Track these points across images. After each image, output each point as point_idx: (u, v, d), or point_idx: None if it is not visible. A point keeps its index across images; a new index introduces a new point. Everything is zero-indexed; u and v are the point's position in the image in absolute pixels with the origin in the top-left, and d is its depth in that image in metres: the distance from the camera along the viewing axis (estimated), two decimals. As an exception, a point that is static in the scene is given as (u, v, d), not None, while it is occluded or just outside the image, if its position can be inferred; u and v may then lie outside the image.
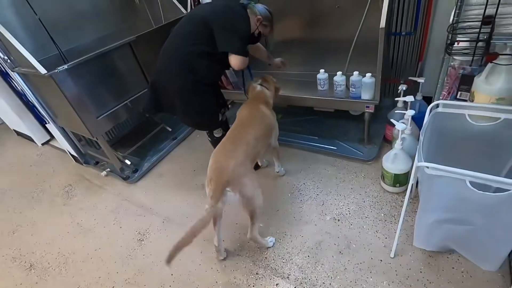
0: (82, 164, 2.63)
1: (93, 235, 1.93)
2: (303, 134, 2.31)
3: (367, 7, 1.69)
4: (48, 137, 3.12)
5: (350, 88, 1.86)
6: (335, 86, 1.91)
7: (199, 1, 2.17)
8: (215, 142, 1.95)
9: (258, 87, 1.83)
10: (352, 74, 1.81)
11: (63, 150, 2.77)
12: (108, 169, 2.45)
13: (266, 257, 1.55)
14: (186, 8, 2.42)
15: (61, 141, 2.58)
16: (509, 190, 0.91)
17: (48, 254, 1.87)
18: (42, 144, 3.13)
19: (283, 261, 1.51)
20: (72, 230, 2.01)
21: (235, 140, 1.51)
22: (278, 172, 2.02)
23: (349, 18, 1.98)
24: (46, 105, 2.28)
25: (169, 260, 1.21)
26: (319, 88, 1.99)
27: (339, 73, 1.87)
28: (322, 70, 1.94)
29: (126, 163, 2.42)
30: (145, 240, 1.81)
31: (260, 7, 1.67)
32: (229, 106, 2.20)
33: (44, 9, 2.23)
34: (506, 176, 1.05)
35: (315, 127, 2.37)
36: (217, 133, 1.90)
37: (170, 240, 1.75)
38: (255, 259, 1.55)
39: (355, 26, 1.77)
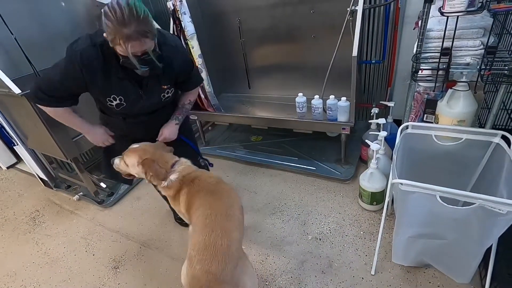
0: (52, 188, 2.49)
1: (62, 265, 1.79)
2: (283, 155, 2.36)
3: (340, 37, 1.84)
4: (15, 160, 2.94)
5: (327, 111, 1.95)
6: (313, 109, 2.00)
7: (181, 26, 2.24)
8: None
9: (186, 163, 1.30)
10: (329, 98, 1.92)
11: (31, 174, 2.61)
12: (81, 193, 2.32)
13: (249, 280, 1.51)
14: (168, 33, 2.48)
15: (30, 164, 2.43)
16: (475, 203, 0.99)
17: (9, 287, 1.70)
18: (8, 168, 2.93)
19: (267, 283, 1.49)
20: (38, 260, 1.85)
21: (219, 263, 0.99)
22: None
23: (324, 47, 2.13)
24: (16, 126, 2.17)
25: None
26: (298, 110, 2.08)
27: (316, 96, 1.97)
28: (300, 94, 2.04)
29: (101, 186, 2.32)
30: (120, 267, 1.71)
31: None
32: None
33: (19, 28, 2.19)
34: (471, 191, 1.14)
35: (294, 148, 2.44)
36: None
37: (148, 266, 1.67)
38: (237, 282, 1.51)
39: (330, 54, 1.91)
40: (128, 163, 1.27)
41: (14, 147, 2.38)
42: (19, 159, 2.90)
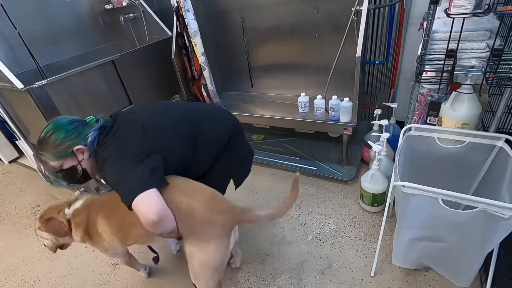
0: (53, 183, 2.49)
1: (62, 260, 1.80)
2: (284, 155, 2.35)
3: (344, 38, 1.82)
4: (17, 155, 2.95)
5: (329, 111, 1.95)
6: (315, 109, 1.99)
7: (185, 23, 2.22)
8: None
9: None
10: (331, 98, 1.91)
11: (33, 169, 2.62)
12: (82, 189, 2.32)
13: (248, 279, 1.51)
14: (171, 29, 2.47)
15: (32, 159, 2.44)
16: (477, 207, 0.98)
17: (9, 281, 1.71)
18: (10, 162, 2.94)
19: (266, 283, 1.49)
20: (39, 255, 1.86)
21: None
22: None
23: (328, 46, 2.12)
24: (18, 121, 2.18)
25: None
26: (300, 110, 2.07)
27: (319, 96, 1.97)
28: (303, 94, 2.03)
29: (102, 181, 2.31)
30: (120, 264, 1.71)
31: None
32: None
33: (23, 23, 2.20)
34: (474, 195, 1.13)
35: (296, 148, 2.43)
36: None
37: (149, 262, 1.67)
38: (236, 281, 1.51)
39: (334, 54, 1.90)
40: None
41: (16, 141, 2.39)
42: (21, 153, 2.91)
